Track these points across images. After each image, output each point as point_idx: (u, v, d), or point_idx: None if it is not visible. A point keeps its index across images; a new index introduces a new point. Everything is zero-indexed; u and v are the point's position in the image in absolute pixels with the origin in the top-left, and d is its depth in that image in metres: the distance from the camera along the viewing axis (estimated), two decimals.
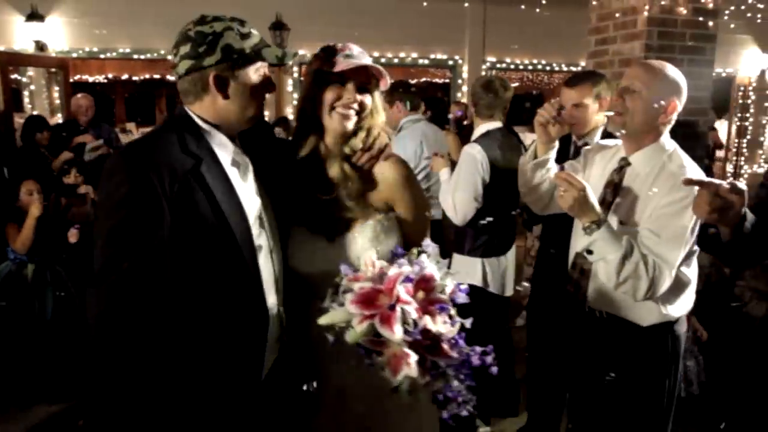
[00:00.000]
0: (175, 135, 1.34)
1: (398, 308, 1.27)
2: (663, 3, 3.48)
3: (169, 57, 1.41)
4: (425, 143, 3.36)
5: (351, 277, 1.35)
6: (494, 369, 1.33)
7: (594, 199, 1.73)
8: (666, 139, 1.88)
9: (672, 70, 1.84)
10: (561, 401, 2.77)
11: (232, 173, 1.41)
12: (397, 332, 1.25)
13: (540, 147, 1.98)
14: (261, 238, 1.45)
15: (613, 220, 1.82)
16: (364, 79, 1.53)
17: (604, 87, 2.45)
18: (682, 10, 3.52)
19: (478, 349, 1.35)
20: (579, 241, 1.89)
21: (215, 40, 1.33)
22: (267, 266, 1.46)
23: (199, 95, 1.37)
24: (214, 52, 1.32)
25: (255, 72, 1.39)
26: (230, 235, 1.34)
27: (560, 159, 2.50)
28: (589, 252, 1.75)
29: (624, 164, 1.90)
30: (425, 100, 4.66)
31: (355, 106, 1.52)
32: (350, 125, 1.54)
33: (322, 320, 1.32)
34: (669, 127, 1.87)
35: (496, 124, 2.86)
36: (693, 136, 1.96)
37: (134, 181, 1.25)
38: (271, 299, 1.46)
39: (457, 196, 2.75)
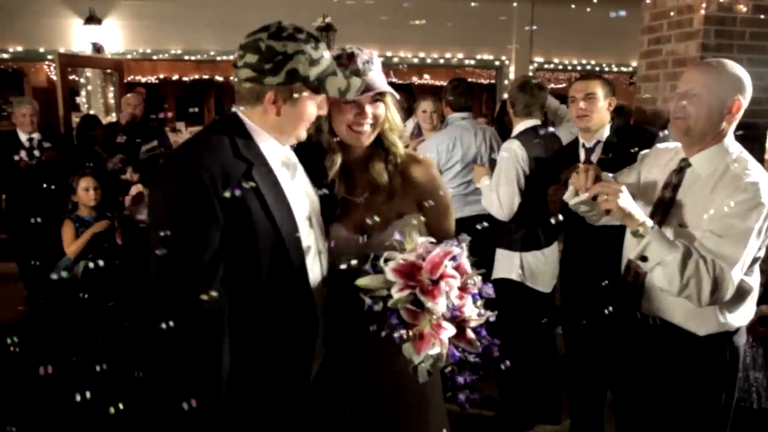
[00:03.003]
0: (226, 138, 1.32)
1: (443, 283, 1.31)
2: (721, 1, 3.34)
3: (233, 56, 1.36)
4: (460, 141, 3.39)
5: (397, 248, 1.39)
6: (507, 362, 1.41)
7: (632, 202, 1.69)
8: (730, 141, 1.80)
9: (731, 67, 1.76)
10: (602, 407, 2.76)
11: (282, 174, 1.40)
12: (441, 304, 1.29)
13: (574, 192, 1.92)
14: (309, 238, 1.44)
15: (671, 222, 1.76)
16: (377, 98, 1.54)
17: (612, 89, 2.61)
18: (742, 8, 3.38)
19: (497, 341, 1.40)
20: (632, 247, 1.83)
21: (283, 61, 1.29)
22: (315, 267, 1.45)
23: (254, 104, 1.35)
24: (278, 73, 1.29)
25: (312, 101, 1.37)
26: (280, 239, 1.32)
27: (570, 161, 2.51)
28: (644, 259, 1.69)
29: (684, 165, 1.83)
30: None
31: (370, 120, 1.53)
32: (366, 140, 1.56)
33: (360, 282, 1.34)
34: (734, 126, 1.80)
35: (534, 122, 2.96)
36: (752, 139, 1.87)
37: (187, 184, 1.22)
38: (319, 301, 1.45)
39: (501, 191, 2.81)
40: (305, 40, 1.32)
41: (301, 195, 1.45)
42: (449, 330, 1.30)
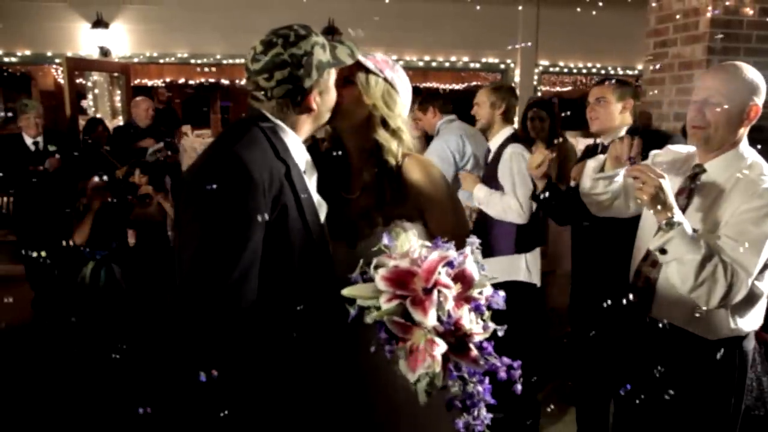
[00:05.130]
0: (264, 139, 1.31)
1: (435, 292, 1.17)
2: (727, 4, 3.34)
3: (260, 82, 1.34)
4: (466, 137, 3.44)
5: (388, 254, 1.26)
6: (518, 387, 1.25)
7: (671, 193, 1.67)
8: (744, 146, 1.80)
9: (747, 71, 1.76)
10: (607, 410, 2.74)
11: (307, 178, 1.40)
12: (430, 317, 1.15)
13: (610, 163, 1.99)
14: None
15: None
16: (346, 73, 1.52)
17: (629, 92, 2.58)
18: (748, 11, 3.37)
19: (506, 360, 1.25)
20: (646, 244, 1.83)
21: (309, 59, 1.33)
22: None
23: (290, 111, 1.36)
24: (311, 72, 1.34)
25: (331, 79, 1.42)
26: (311, 243, 1.33)
27: (582, 159, 2.50)
28: (663, 252, 1.68)
29: (699, 171, 1.83)
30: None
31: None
32: (339, 121, 1.55)
33: (346, 291, 1.23)
34: (747, 130, 1.79)
35: (514, 129, 3.05)
36: (760, 141, 1.86)
37: (238, 180, 1.19)
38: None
39: (520, 193, 2.82)
40: (308, 33, 1.36)
41: (319, 200, 1.45)
42: (442, 346, 1.16)
